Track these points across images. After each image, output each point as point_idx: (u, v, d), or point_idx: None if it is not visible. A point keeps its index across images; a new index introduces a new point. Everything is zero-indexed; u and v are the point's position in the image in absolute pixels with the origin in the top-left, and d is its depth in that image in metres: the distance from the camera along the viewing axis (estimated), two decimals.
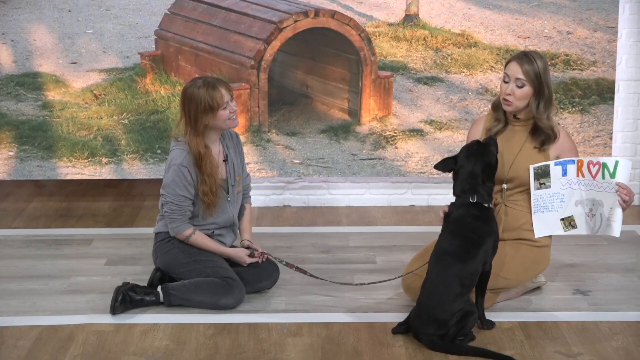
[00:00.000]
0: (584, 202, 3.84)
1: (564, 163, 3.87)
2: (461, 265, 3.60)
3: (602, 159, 3.80)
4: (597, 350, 3.61)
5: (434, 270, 3.64)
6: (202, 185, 3.98)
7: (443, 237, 3.72)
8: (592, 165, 3.81)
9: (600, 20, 5.39)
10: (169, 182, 4.01)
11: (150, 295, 3.98)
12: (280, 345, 3.67)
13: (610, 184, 3.77)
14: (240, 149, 4.22)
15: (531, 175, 3.91)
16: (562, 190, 3.88)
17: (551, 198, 3.90)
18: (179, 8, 5.44)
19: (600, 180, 3.79)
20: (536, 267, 4.02)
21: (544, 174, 3.90)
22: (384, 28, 5.42)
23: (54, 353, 3.60)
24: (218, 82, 3.99)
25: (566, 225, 3.90)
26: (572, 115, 5.44)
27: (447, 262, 3.61)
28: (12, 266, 4.53)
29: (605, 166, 3.78)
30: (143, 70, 5.43)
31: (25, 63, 5.40)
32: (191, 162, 3.99)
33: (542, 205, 3.92)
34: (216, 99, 3.94)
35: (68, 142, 5.39)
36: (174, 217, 4.02)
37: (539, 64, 3.88)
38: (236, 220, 4.19)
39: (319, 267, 4.47)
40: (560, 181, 3.88)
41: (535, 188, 3.92)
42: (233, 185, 4.14)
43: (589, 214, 3.83)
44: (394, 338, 3.71)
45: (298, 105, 5.52)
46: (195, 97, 3.94)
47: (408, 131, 5.45)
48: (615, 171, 3.77)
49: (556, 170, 3.88)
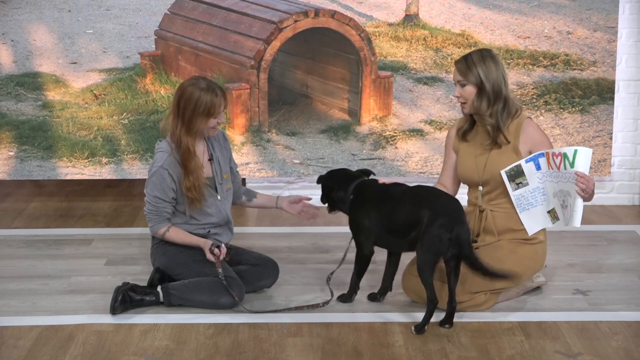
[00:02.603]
0: (558, 193, 3.85)
1: (535, 158, 3.88)
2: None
3: (563, 149, 3.78)
4: (597, 350, 3.61)
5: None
6: (185, 181, 3.98)
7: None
8: (555, 157, 3.81)
9: (600, 20, 5.39)
10: (149, 183, 4.03)
11: (150, 295, 3.98)
12: (280, 345, 3.67)
13: (570, 174, 3.76)
14: (228, 147, 4.21)
15: (505, 179, 3.92)
16: (541, 183, 3.89)
17: (532, 194, 3.91)
18: (179, 8, 5.44)
19: (563, 171, 3.79)
20: (534, 264, 4.02)
21: (518, 174, 3.91)
22: (384, 28, 5.42)
23: (54, 353, 3.60)
24: (219, 89, 3.97)
25: (552, 218, 3.91)
26: (572, 115, 5.44)
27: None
28: (12, 266, 4.53)
29: (566, 156, 3.77)
30: (143, 70, 5.43)
31: (25, 63, 5.40)
32: (173, 163, 3.98)
33: (526, 203, 3.93)
34: (215, 107, 3.94)
35: (68, 142, 5.39)
36: (150, 217, 4.05)
37: (476, 61, 3.91)
38: (230, 218, 4.19)
39: (319, 267, 4.47)
40: (536, 176, 3.89)
41: (514, 189, 3.92)
42: (221, 184, 4.14)
43: (563, 205, 3.84)
44: (394, 338, 3.71)
45: (298, 105, 5.52)
46: (196, 98, 3.93)
47: (408, 131, 5.45)
48: (574, 160, 3.74)
49: (529, 167, 3.88)
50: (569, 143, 5.40)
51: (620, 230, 5.10)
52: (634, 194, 5.58)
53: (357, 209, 3.97)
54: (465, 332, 3.76)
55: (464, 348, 3.63)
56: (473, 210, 4.04)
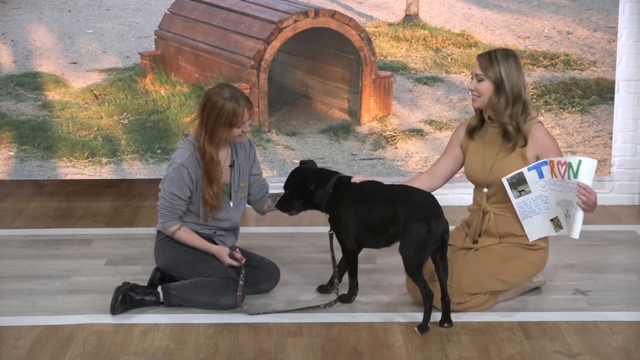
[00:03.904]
0: (561, 202, 3.83)
1: (538, 166, 3.85)
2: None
3: (568, 159, 3.74)
4: (597, 350, 3.61)
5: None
6: (208, 189, 3.99)
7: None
8: (560, 166, 3.77)
9: (600, 20, 5.39)
10: (166, 179, 4.03)
11: (150, 295, 3.98)
12: (280, 345, 3.67)
13: (573, 184, 3.73)
14: (252, 155, 4.21)
15: (507, 187, 3.91)
16: (544, 192, 3.86)
17: (535, 201, 3.89)
18: (179, 8, 5.44)
19: (567, 181, 3.76)
20: (534, 269, 4.01)
21: (520, 182, 3.89)
22: (384, 28, 5.42)
23: (54, 353, 3.60)
24: (243, 100, 3.96)
25: (555, 226, 3.89)
26: (572, 115, 5.44)
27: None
28: (12, 266, 4.53)
29: (570, 166, 3.73)
30: (143, 70, 5.43)
31: (25, 63, 5.40)
32: (193, 162, 3.99)
33: (529, 210, 3.91)
34: (237, 116, 3.93)
35: (68, 142, 5.39)
36: (164, 213, 4.04)
37: (500, 59, 3.90)
38: (239, 225, 4.20)
39: (319, 267, 4.47)
40: (539, 184, 3.86)
41: (516, 197, 3.91)
42: (236, 192, 4.14)
43: (567, 214, 3.82)
44: (394, 338, 3.71)
45: (298, 105, 5.52)
46: (219, 107, 3.92)
47: (408, 131, 5.45)
48: (578, 171, 3.70)
49: (531, 175, 3.86)
50: (568, 143, 5.40)
51: (620, 230, 5.10)
52: (634, 194, 5.58)
53: (336, 205, 3.98)
54: (465, 332, 3.77)
55: (464, 348, 3.63)
56: (477, 210, 4.04)
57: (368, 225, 3.90)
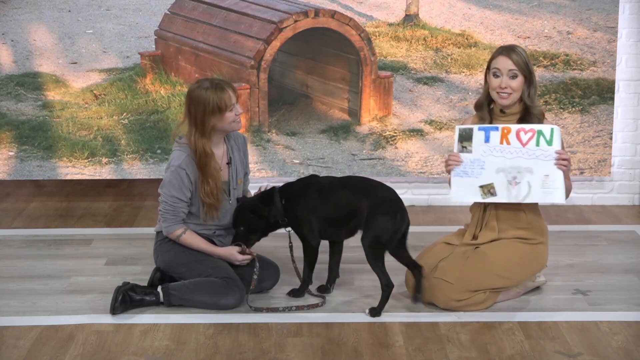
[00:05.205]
0: (507, 169, 3.85)
1: (487, 129, 3.88)
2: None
3: (535, 126, 3.81)
4: (597, 350, 3.61)
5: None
6: (205, 185, 3.98)
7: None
8: (524, 133, 3.80)
9: (600, 20, 5.39)
10: (165, 182, 4.02)
11: (150, 295, 3.98)
12: (280, 345, 3.67)
13: (545, 152, 3.78)
14: (246, 152, 4.22)
15: (456, 135, 3.94)
16: (483, 157, 3.89)
17: (472, 164, 3.91)
18: (179, 8, 5.44)
19: (532, 148, 3.79)
20: (534, 265, 4.02)
21: (468, 137, 3.91)
22: (384, 28, 5.42)
23: (54, 353, 3.60)
24: (225, 84, 3.99)
25: (485, 193, 3.91)
26: (572, 115, 5.44)
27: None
28: (12, 266, 4.54)
29: (541, 133, 3.78)
30: (143, 70, 5.43)
31: (25, 63, 5.40)
32: (190, 163, 3.98)
33: (462, 170, 3.93)
34: (224, 101, 3.93)
35: (68, 142, 5.39)
36: (167, 217, 4.04)
37: (523, 52, 3.94)
38: None
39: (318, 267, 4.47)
40: (482, 147, 3.89)
41: (458, 150, 3.93)
42: (235, 189, 4.14)
43: (512, 181, 3.84)
44: (394, 338, 3.71)
45: (298, 105, 5.52)
46: (203, 98, 3.93)
47: (408, 131, 5.45)
48: (552, 139, 3.78)
49: (479, 136, 3.89)
50: (569, 143, 5.40)
51: (620, 230, 5.10)
52: (634, 194, 5.58)
53: (293, 208, 4.02)
54: (465, 332, 3.77)
55: (464, 348, 3.63)
56: (479, 205, 4.04)
57: (331, 219, 4.00)
